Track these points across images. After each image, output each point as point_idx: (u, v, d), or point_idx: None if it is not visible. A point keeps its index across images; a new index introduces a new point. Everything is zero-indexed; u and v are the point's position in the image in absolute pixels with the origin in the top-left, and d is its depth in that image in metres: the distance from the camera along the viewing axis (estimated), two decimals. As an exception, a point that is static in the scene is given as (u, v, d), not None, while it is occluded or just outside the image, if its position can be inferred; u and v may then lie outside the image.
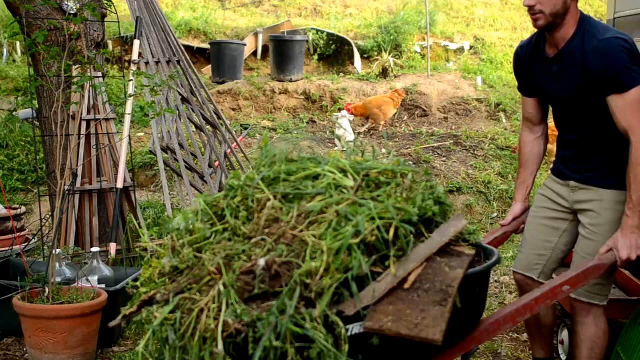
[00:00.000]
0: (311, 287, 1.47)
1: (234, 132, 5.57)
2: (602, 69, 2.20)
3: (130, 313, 1.68)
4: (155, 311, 1.60)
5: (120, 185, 4.19)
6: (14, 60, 8.82)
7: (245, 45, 8.95)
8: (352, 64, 9.28)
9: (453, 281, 1.55)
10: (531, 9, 2.28)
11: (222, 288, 1.50)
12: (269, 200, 1.62)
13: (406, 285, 1.51)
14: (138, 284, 1.81)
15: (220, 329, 1.45)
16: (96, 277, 3.33)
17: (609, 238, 2.28)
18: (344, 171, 1.71)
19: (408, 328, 1.42)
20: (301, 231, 1.55)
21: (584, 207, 2.48)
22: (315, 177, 1.71)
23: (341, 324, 1.46)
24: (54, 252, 3.12)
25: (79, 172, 4.17)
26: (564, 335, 3.26)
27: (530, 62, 2.51)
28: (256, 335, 1.45)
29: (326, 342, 1.43)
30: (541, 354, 2.91)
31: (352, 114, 7.02)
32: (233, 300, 1.49)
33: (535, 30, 2.48)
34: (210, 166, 4.90)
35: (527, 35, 11.39)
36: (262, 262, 1.50)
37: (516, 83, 2.70)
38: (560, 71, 2.37)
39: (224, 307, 1.48)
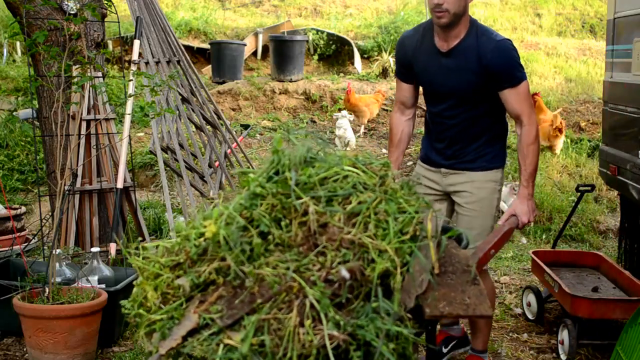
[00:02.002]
0: (392, 285, 1.49)
1: (234, 132, 5.57)
2: (500, 66, 2.58)
3: (170, 349, 1.49)
4: (222, 339, 1.44)
5: (120, 185, 4.19)
6: (14, 60, 8.82)
7: (245, 45, 8.95)
8: (352, 64, 9.28)
9: (467, 260, 1.70)
10: (438, 7, 2.53)
11: (314, 302, 1.43)
12: (308, 206, 1.56)
13: (436, 271, 1.59)
14: (137, 309, 1.61)
15: (328, 343, 1.40)
16: (96, 277, 3.33)
17: (485, 212, 2.77)
18: (355, 168, 1.71)
19: (462, 309, 1.55)
20: (353, 234, 1.54)
21: (457, 189, 2.84)
22: (336, 178, 1.68)
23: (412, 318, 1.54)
24: (54, 252, 3.12)
25: (79, 172, 4.17)
26: (564, 335, 3.26)
27: (417, 53, 2.74)
28: (360, 342, 1.43)
29: (416, 337, 1.50)
30: (479, 346, 2.99)
31: (347, 100, 7.11)
32: (333, 312, 1.44)
33: (418, 24, 2.83)
34: (210, 166, 4.90)
35: (527, 36, 11.33)
36: (344, 271, 1.47)
37: None
38: (454, 65, 2.65)
39: (324, 321, 1.42)
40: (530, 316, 3.78)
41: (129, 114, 4.36)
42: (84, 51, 3.94)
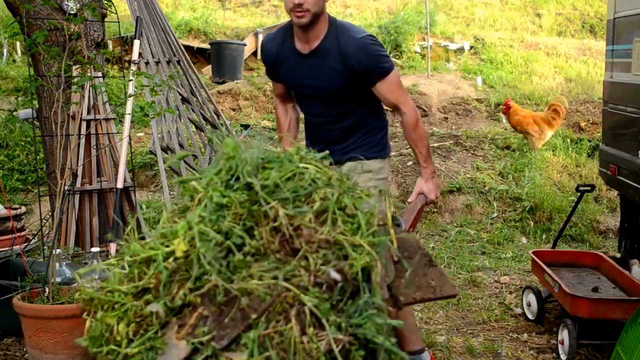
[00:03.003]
0: (373, 279, 1.47)
1: (234, 132, 5.57)
2: (366, 65, 2.57)
3: None
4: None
5: (120, 185, 4.19)
6: (14, 60, 8.82)
7: (245, 45, 8.95)
8: (352, 63, 9.27)
9: (418, 243, 1.73)
10: (299, 7, 2.47)
11: (312, 308, 1.39)
12: (278, 210, 1.51)
13: (395, 259, 1.61)
14: (105, 346, 1.48)
15: (335, 347, 1.37)
16: (97, 277, 3.33)
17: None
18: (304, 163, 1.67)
19: (431, 292, 1.58)
20: (326, 233, 1.51)
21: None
22: (293, 176, 1.62)
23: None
24: (54, 252, 3.12)
25: (79, 172, 4.17)
26: (564, 335, 3.26)
27: (280, 57, 2.73)
28: (361, 341, 1.41)
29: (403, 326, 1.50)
30: (415, 346, 2.85)
31: None
32: (334, 316, 1.41)
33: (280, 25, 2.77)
34: (210, 166, 4.90)
35: (527, 36, 11.36)
36: (334, 273, 1.44)
37: (516, 83, 2.80)
38: (318, 67, 2.63)
39: (327, 326, 1.38)
40: (530, 316, 3.78)
41: (129, 114, 4.36)
42: (84, 51, 3.94)
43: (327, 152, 1.70)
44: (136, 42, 4.75)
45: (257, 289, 1.40)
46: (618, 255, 4.14)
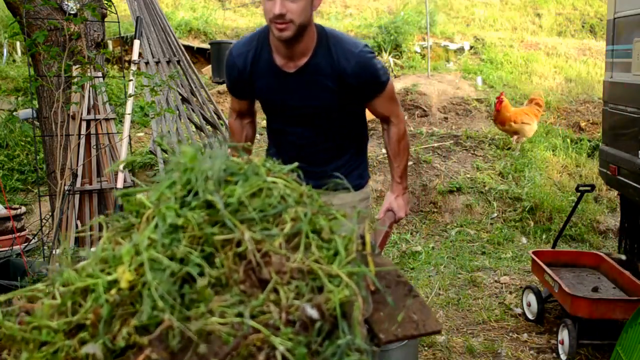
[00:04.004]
0: (354, 316, 1.27)
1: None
2: (366, 81, 2.28)
3: None
4: None
5: (120, 185, 4.19)
6: (14, 60, 8.82)
7: (245, 45, 8.95)
8: (352, 63, 9.28)
9: (396, 270, 1.53)
10: (281, 18, 2.06)
11: (286, 353, 1.19)
12: (243, 234, 1.29)
13: (372, 288, 1.41)
14: None
15: None
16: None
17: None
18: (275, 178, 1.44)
19: (414, 328, 1.42)
20: (299, 260, 1.30)
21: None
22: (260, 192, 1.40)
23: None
24: (54, 252, 3.12)
25: (79, 172, 4.17)
26: (564, 335, 3.26)
27: (255, 74, 2.33)
28: None
29: None
30: None
31: None
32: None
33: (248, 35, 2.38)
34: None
35: (527, 36, 11.34)
36: (310, 310, 1.23)
37: (516, 83, 2.73)
38: (307, 87, 2.29)
39: None
40: (530, 316, 3.78)
41: (129, 114, 4.37)
42: (84, 51, 3.94)
43: (295, 163, 1.45)
44: (136, 42, 4.76)
45: (219, 330, 1.18)
46: (623, 257, 4.13)
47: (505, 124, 6.55)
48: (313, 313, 1.23)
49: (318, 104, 2.32)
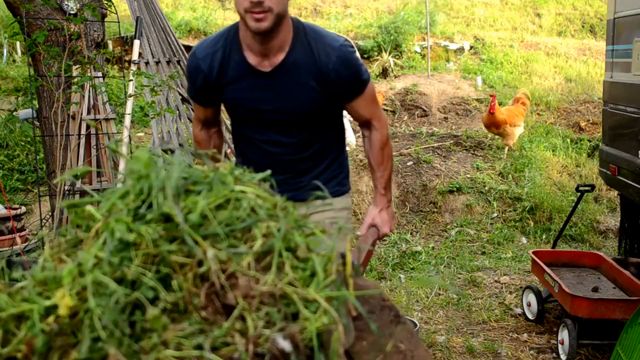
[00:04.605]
0: (333, 347, 1.11)
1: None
2: (348, 77, 2.08)
3: None
4: None
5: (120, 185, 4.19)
6: (14, 60, 8.83)
7: (245, 45, 8.95)
8: (352, 64, 9.28)
9: (381, 294, 1.32)
10: (259, 6, 1.84)
11: None
12: (206, 252, 1.12)
13: (353, 314, 1.21)
14: None
15: None
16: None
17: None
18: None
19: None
20: (270, 283, 1.13)
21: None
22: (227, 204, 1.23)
23: None
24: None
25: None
26: (564, 335, 3.26)
27: (223, 76, 2.09)
28: None
29: None
30: None
31: None
32: None
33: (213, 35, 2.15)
34: (210, 166, 4.90)
35: (527, 36, 11.33)
36: (282, 341, 1.08)
37: (516, 83, 2.68)
38: (285, 87, 2.06)
39: None
40: (530, 316, 3.78)
41: (129, 114, 4.37)
42: (84, 51, 3.94)
43: (268, 171, 1.28)
44: (136, 42, 4.76)
45: None
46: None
47: (500, 127, 6.38)
48: (285, 345, 1.05)
49: (298, 106, 2.11)
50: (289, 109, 2.10)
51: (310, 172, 2.25)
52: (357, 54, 2.11)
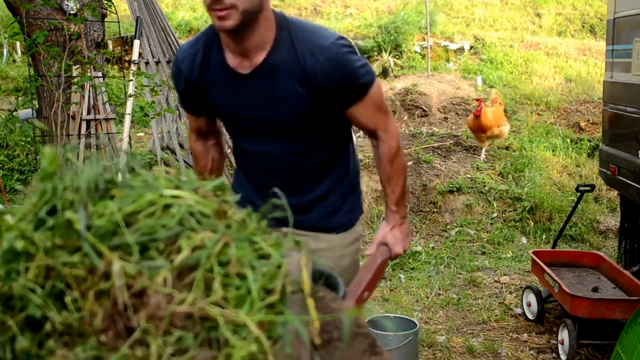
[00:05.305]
0: None
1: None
2: (341, 81, 1.79)
3: None
4: None
5: (120, 185, 4.20)
6: (14, 60, 8.83)
7: (245, 45, 8.95)
8: (352, 64, 9.28)
9: (355, 318, 1.13)
10: (217, 3, 1.63)
11: None
12: (111, 264, 0.95)
13: (317, 342, 1.01)
14: None
15: None
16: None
17: (348, 277, 1.87)
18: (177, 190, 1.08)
19: None
20: (190, 302, 0.95)
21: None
22: (152, 211, 1.06)
23: None
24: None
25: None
26: (564, 335, 3.26)
27: (203, 79, 1.88)
28: None
29: None
30: None
31: None
32: None
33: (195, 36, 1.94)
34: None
35: (527, 36, 11.35)
36: None
37: (516, 83, 2.63)
38: (266, 91, 1.82)
39: None
40: (530, 316, 3.78)
41: (129, 114, 4.37)
42: (84, 51, 3.94)
43: (222, 179, 1.10)
44: (136, 42, 4.76)
45: None
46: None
47: (486, 131, 6.18)
48: None
49: (282, 115, 1.84)
50: (272, 117, 1.85)
51: (312, 190, 1.98)
52: (358, 53, 1.86)
